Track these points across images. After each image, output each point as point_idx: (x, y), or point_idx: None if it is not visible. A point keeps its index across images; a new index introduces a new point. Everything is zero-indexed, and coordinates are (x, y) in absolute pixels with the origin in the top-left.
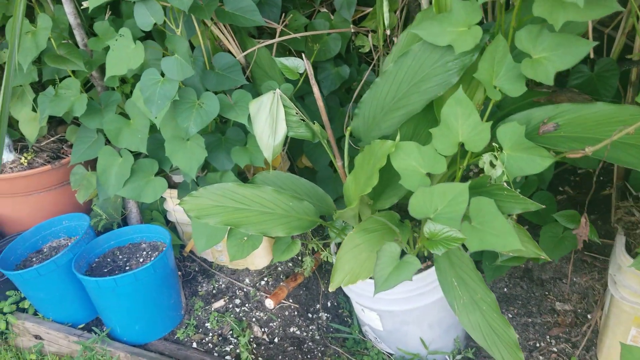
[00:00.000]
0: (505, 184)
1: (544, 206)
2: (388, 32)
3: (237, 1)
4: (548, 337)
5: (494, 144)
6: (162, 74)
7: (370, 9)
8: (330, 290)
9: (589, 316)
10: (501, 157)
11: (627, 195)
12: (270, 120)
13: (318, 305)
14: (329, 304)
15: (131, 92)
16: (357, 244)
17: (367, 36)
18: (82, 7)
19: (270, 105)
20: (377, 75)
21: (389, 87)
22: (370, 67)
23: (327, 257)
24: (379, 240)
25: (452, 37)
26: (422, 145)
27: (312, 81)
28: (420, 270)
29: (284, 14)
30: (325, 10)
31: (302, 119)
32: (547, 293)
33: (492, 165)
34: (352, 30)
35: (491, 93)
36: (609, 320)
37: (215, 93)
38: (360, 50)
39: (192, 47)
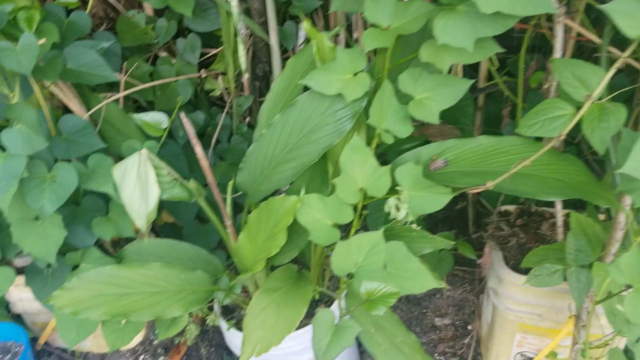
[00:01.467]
0: (414, 225)
1: (453, 242)
2: (246, 76)
3: (80, 56)
4: (437, 354)
5: (397, 187)
6: (2, 148)
7: (215, 50)
8: None
9: (468, 327)
10: (403, 198)
11: (478, 208)
12: (139, 184)
13: None
14: None
15: None
16: (264, 307)
17: (216, 79)
18: None
19: (138, 168)
20: (232, 118)
21: (277, 139)
22: (225, 111)
23: (213, 322)
24: (286, 298)
25: (340, 85)
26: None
27: (194, 140)
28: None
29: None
30: (165, 54)
31: (175, 179)
32: (425, 311)
33: (397, 208)
34: (204, 75)
35: (384, 137)
36: (494, 330)
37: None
38: (211, 95)
39: None
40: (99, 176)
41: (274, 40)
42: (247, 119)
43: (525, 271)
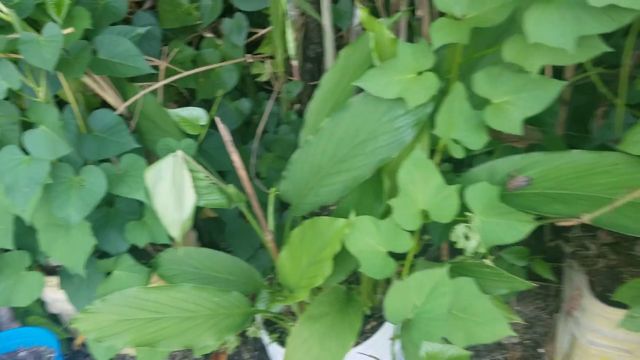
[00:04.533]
0: (487, 260)
1: (536, 284)
2: (295, 62)
3: (112, 45)
4: None
5: (467, 213)
6: (25, 151)
7: (264, 30)
8: None
9: (539, 350)
10: (474, 225)
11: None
12: (174, 190)
13: None
14: None
15: None
16: (306, 338)
17: (263, 63)
18: None
19: (173, 172)
20: (280, 105)
21: (324, 147)
22: (273, 98)
23: (254, 334)
24: (331, 327)
25: (400, 87)
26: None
27: (230, 148)
28: (364, 334)
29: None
30: (210, 35)
31: (213, 183)
32: None
33: (467, 237)
34: (250, 60)
35: (454, 150)
36: None
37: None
38: (257, 80)
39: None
40: (131, 180)
41: (326, 20)
42: (297, 106)
43: (617, 302)
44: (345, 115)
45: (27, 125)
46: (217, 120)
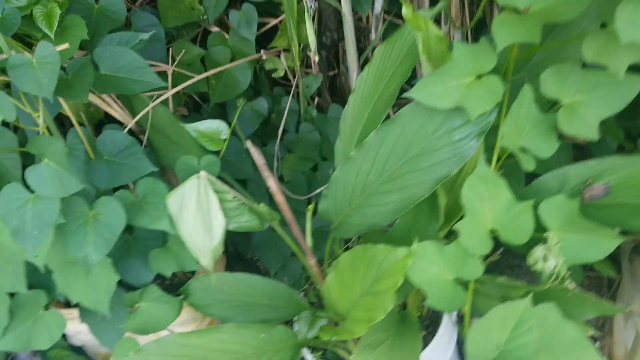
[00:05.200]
0: (571, 283)
1: (629, 308)
2: (316, 57)
3: (116, 57)
4: None
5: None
6: (29, 188)
7: (275, 20)
8: None
9: (595, 344)
10: (553, 243)
11: None
12: (200, 215)
13: None
14: None
15: None
16: None
17: (278, 57)
18: None
19: (197, 196)
20: (299, 101)
21: (370, 164)
22: (291, 95)
23: None
24: (389, 356)
25: (459, 94)
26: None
27: (265, 173)
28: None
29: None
30: (216, 29)
31: (243, 203)
32: None
33: (545, 258)
34: (264, 57)
35: (524, 160)
36: None
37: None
38: (273, 75)
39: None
40: (152, 208)
41: (345, 6)
42: (316, 100)
43: None
44: (393, 128)
45: (28, 154)
46: (249, 144)
